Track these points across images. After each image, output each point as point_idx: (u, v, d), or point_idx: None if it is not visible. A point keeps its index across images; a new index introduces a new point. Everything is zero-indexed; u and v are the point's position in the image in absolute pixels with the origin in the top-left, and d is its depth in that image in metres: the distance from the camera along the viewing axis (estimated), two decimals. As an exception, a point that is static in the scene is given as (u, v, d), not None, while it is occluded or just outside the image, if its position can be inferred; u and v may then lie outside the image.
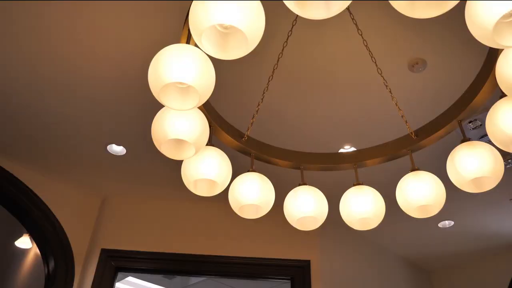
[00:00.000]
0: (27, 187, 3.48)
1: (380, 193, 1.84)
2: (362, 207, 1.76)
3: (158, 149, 1.42)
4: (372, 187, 1.86)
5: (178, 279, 4.72)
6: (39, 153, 3.35)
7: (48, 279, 3.54)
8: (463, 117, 1.72)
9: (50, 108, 2.89)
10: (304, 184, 1.86)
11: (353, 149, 3.06)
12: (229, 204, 3.78)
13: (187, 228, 3.68)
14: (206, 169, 1.53)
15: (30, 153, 3.36)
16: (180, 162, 3.34)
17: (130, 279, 4.68)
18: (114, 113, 2.91)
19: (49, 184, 3.64)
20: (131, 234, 3.63)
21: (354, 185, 1.87)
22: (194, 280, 4.71)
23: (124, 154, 3.30)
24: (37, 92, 2.77)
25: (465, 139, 1.60)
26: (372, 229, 4.00)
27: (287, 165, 1.98)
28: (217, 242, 3.59)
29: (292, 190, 1.80)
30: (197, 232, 3.66)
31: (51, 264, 3.53)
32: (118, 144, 3.21)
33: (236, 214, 3.93)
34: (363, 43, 1.91)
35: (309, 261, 3.54)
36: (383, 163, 2.07)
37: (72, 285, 3.47)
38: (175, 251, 3.53)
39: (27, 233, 5.19)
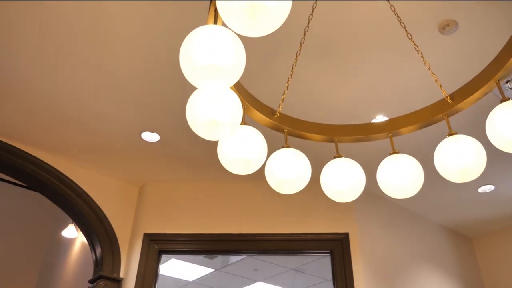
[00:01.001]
0: (69, 179, 3.62)
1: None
2: (400, 175, 1.74)
3: (194, 131, 1.45)
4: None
5: (218, 259, 4.84)
6: (78, 146, 3.47)
7: (96, 265, 3.71)
8: (500, 77, 1.66)
9: (83, 101, 2.98)
10: (340, 156, 1.85)
11: (385, 119, 3.02)
12: (265, 182, 3.82)
13: (225, 208, 3.75)
14: (241, 148, 1.55)
15: (69, 147, 3.48)
16: (214, 144, 3.39)
17: (173, 261, 4.82)
18: (145, 101, 2.96)
19: (90, 175, 3.78)
20: (171, 217, 3.73)
21: (390, 154, 1.85)
22: (234, 258, 4.81)
23: (158, 141, 3.37)
24: (69, 86, 2.85)
25: (504, 99, 1.55)
26: (410, 197, 3.98)
27: (321, 139, 1.98)
28: (256, 220, 3.65)
29: (328, 163, 1.80)
30: (235, 211, 3.72)
31: (98, 250, 3.68)
32: (152, 131, 3.28)
33: (273, 191, 3.98)
34: (391, 9, 1.87)
35: (347, 233, 3.55)
36: (418, 130, 2.04)
37: (119, 269, 3.62)
38: (214, 232, 3.61)
39: (72, 223, 5.43)
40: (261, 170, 3.56)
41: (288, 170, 1.68)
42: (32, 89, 2.89)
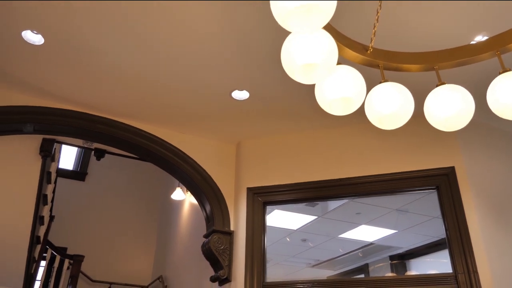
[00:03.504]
0: (173, 146, 3.90)
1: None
2: (514, 94, 1.61)
3: (291, 77, 1.46)
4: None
5: (320, 206, 4.93)
6: (176, 114, 3.70)
7: (208, 221, 4.00)
8: None
9: (173, 68, 3.12)
10: (443, 83, 1.76)
11: (486, 38, 2.76)
12: (360, 124, 3.73)
13: (322, 155, 3.77)
14: (340, 87, 1.54)
15: (169, 116, 3.73)
16: (303, 93, 3.37)
17: (276, 212, 5.02)
18: (231, 61, 3.02)
19: (189, 139, 4.03)
20: (271, 170, 3.86)
21: (500, 73, 1.71)
22: (335, 204, 4.87)
23: (247, 98, 3.45)
24: (159, 58, 3.00)
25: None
26: (522, 121, 3.64)
27: (420, 69, 1.88)
28: (354, 163, 3.63)
29: (432, 92, 1.71)
30: (333, 157, 3.73)
31: (208, 208, 3.96)
32: (241, 89, 3.35)
33: (369, 133, 3.87)
34: None
35: (453, 167, 3.39)
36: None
37: (229, 223, 3.87)
38: (314, 179, 3.67)
39: (179, 186, 5.86)
40: (355, 112, 3.48)
41: (390, 105, 1.64)
42: (126, 67, 3.10)
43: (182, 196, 6.01)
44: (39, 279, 5.77)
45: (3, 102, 3.41)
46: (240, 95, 3.43)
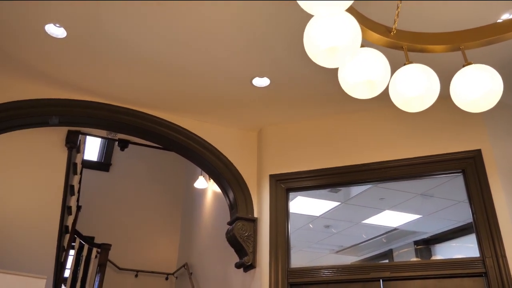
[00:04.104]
0: (196, 135, 3.94)
1: None
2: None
3: (314, 61, 1.45)
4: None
5: (342, 192, 4.90)
6: (198, 104, 3.72)
7: (231, 208, 4.03)
8: None
9: (192, 56, 3.13)
10: (469, 64, 1.71)
11: (514, 16, 2.67)
12: (385, 108, 3.67)
13: (344, 140, 3.74)
14: (364, 70, 1.52)
15: (191, 105, 3.76)
16: (325, 79, 3.33)
17: (299, 198, 5.01)
18: (252, 48, 3.01)
19: (211, 128, 4.05)
20: (293, 157, 3.85)
21: (529, 51, 1.65)
22: (358, 190, 4.83)
23: (268, 84, 3.44)
24: (188, 46, 3.01)
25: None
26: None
27: (445, 49, 1.84)
28: (379, 148, 3.59)
29: (459, 72, 1.67)
30: (357, 142, 3.69)
31: (231, 195, 3.99)
32: (261, 76, 3.34)
33: (395, 116, 3.80)
34: None
35: (479, 150, 3.32)
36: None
37: (253, 210, 3.90)
38: (337, 165, 3.65)
39: (201, 174, 5.91)
40: (379, 96, 3.44)
41: (415, 87, 1.61)
42: (148, 58, 3.12)
43: (205, 185, 6.07)
44: (69, 267, 5.94)
45: (29, 96, 3.49)
46: (261, 82, 3.42)
